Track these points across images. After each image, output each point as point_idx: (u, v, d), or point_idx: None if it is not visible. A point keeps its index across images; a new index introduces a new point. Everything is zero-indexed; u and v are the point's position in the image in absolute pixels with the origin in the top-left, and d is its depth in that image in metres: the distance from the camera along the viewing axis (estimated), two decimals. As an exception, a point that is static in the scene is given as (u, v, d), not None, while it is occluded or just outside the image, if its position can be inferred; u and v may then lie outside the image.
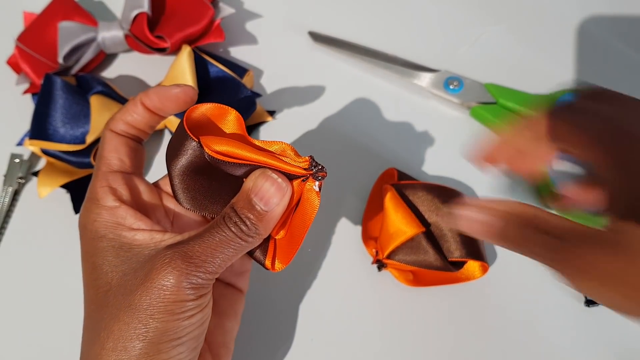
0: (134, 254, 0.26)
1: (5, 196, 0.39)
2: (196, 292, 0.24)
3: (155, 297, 0.23)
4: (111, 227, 0.26)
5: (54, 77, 0.38)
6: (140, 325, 0.23)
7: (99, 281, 0.26)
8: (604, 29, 0.46)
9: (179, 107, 0.29)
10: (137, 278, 0.25)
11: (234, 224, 0.25)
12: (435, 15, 0.46)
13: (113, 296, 0.25)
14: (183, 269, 0.24)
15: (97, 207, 0.27)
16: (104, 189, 0.27)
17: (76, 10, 0.42)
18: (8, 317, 0.36)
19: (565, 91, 0.41)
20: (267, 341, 0.35)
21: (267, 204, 0.25)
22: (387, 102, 0.43)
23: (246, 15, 0.46)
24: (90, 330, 0.26)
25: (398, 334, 0.35)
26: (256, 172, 0.26)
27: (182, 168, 0.26)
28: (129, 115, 0.28)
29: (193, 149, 0.26)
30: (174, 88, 0.28)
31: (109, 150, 0.28)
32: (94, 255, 0.26)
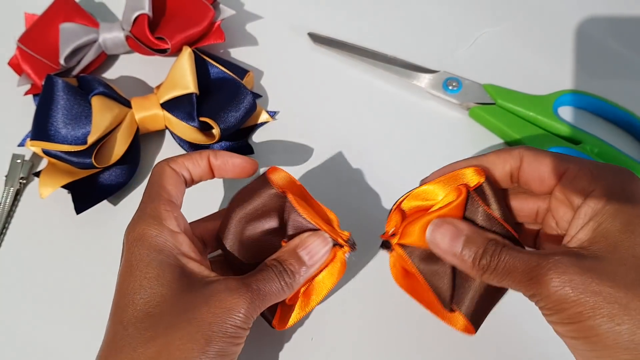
0: (187, 276, 0.28)
1: (7, 197, 0.39)
2: (248, 325, 0.27)
3: (221, 319, 0.25)
4: (170, 247, 0.28)
5: (55, 78, 0.38)
6: (203, 340, 0.25)
7: (151, 291, 0.27)
8: (601, 30, 0.46)
9: (237, 174, 0.33)
10: (198, 297, 0.26)
11: (279, 272, 0.28)
12: (434, 16, 0.47)
13: (169, 309, 0.26)
14: (250, 302, 0.26)
15: (160, 225, 0.28)
16: (169, 213, 0.29)
17: (77, 11, 0.43)
18: (9, 317, 0.36)
19: (563, 92, 0.42)
20: (266, 341, 0.35)
21: (311, 258, 0.29)
22: (386, 103, 0.43)
23: (246, 16, 0.47)
24: (130, 335, 0.26)
25: (398, 333, 0.35)
26: (305, 233, 0.30)
27: (244, 214, 0.30)
28: (192, 164, 0.31)
29: (269, 197, 0.30)
30: (243, 158, 0.32)
31: (171, 184, 0.30)
32: (149, 266, 0.27)
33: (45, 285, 0.37)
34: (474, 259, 0.26)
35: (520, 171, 0.28)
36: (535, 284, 0.24)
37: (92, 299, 0.37)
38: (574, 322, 0.24)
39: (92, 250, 0.38)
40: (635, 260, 0.23)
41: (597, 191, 0.26)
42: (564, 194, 0.27)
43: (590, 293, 0.23)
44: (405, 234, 0.30)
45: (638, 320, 0.22)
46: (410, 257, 0.30)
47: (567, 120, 0.41)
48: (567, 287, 0.23)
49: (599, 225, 0.25)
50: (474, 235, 0.27)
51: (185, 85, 0.38)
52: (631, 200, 0.25)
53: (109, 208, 0.39)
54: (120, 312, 0.27)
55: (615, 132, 0.42)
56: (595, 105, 0.42)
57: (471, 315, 0.29)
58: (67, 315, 0.36)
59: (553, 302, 0.24)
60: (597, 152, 0.39)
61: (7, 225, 0.39)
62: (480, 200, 0.28)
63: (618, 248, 0.24)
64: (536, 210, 0.30)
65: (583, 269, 0.23)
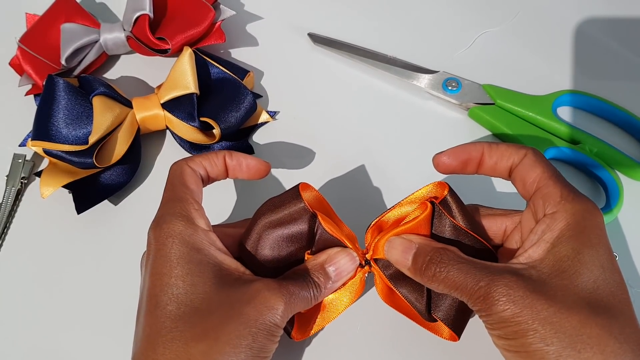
0: (226, 274, 0.28)
1: (9, 196, 0.39)
2: (284, 324, 0.28)
3: (265, 316, 0.26)
4: (207, 245, 0.28)
5: (56, 78, 0.38)
6: (250, 337, 0.26)
7: (193, 288, 0.27)
8: (601, 30, 0.46)
9: (251, 175, 0.33)
10: (242, 295, 0.27)
11: (308, 282, 0.29)
12: (434, 17, 0.47)
13: (216, 305, 0.26)
14: (286, 301, 0.27)
15: (193, 225, 0.29)
16: (198, 212, 0.29)
17: (78, 11, 0.43)
18: (10, 317, 0.36)
19: (563, 92, 0.42)
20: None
21: (338, 274, 0.30)
22: (386, 103, 0.43)
23: (247, 17, 0.47)
24: (180, 330, 0.26)
25: (399, 333, 0.35)
26: (333, 249, 0.31)
27: (270, 222, 0.30)
28: (209, 164, 0.32)
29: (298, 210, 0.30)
30: (257, 160, 0.33)
31: (192, 183, 0.31)
32: (190, 263, 0.27)
33: (46, 285, 0.37)
34: (421, 268, 0.28)
35: (516, 168, 0.30)
36: (482, 302, 0.26)
37: (93, 298, 0.37)
38: (510, 338, 0.25)
39: (93, 250, 0.38)
40: (575, 288, 0.25)
41: (559, 213, 0.27)
42: (534, 205, 0.29)
43: (530, 314, 0.24)
44: (377, 250, 0.31)
45: (565, 343, 0.24)
46: (385, 272, 0.32)
47: (566, 120, 0.41)
48: (510, 309, 0.25)
49: (553, 248, 0.26)
50: (423, 245, 0.29)
51: (186, 85, 0.39)
52: (587, 231, 0.27)
53: (110, 208, 0.39)
54: (163, 306, 0.26)
55: (615, 132, 0.42)
56: (594, 106, 0.42)
57: (452, 323, 0.30)
58: (67, 315, 0.36)
59: (496, 319, 0.25)
60: (596, 152, 0.39)
61: (8, 225, 0.39)
62: (445, 212, 0.30)
63: (564, 273, 0.26)
64: (504, 230, 0.31)
65: (528, 291, 0.25)
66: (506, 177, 0.31)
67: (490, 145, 0.30)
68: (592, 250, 0.26)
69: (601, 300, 0.25)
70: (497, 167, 0.30)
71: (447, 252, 0.28)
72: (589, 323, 0.24)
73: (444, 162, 0.31)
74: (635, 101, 0.42)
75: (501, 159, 0.30)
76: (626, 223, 0.39)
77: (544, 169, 0.29)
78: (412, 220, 0.30)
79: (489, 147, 0.30)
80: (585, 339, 0.24)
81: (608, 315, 0.25)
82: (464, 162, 0.31)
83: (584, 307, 0.25)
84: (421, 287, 0.31)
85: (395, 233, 0.30)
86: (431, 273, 0.27)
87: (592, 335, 0.24)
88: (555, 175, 0.29)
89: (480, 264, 0.27)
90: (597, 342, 0.24)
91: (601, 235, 0.27)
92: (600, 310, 0.25)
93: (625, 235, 0.38)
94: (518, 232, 0.31)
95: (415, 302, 0.31)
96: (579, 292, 0.25)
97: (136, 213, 0.39)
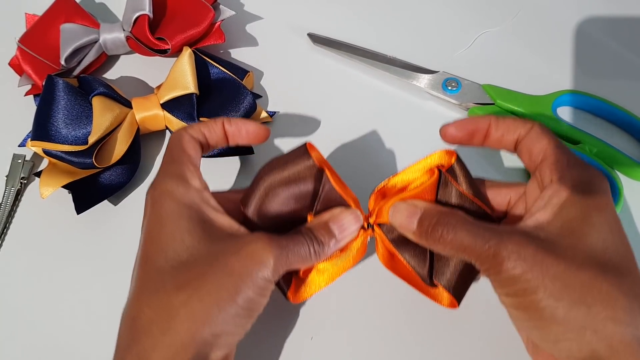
0: (217, 230, 0.28)
1: (8, 197, 0.39)
2: (276, 278, 0.27)
3: (251, 269, 0.26)
4: (199, 203, 0.29)
5: (56, 78, 0.38)
6: (232, 289, 0.26)
7: (182, 243, 0.27)
8: (601, 30, 0.46)
9: (251, 140, 0.34)
10: (229, 248, 0.27)
11: (310, 239, 0.29)
12: (433, 17, 0.47)
13: (202, 258, 0.27)
14: (277, 255, 0.27)
15: (186, 184, 0.29)
16: (193, 173, 0.30)
17: (78, 12, 0.43)
18: (10, 317, 0.36)
19: (563, 92, 0.42)
20: (267, 340, 0.35)
21: (341, 233, 0.30)
22: (386, 103, 0.43)
23: (246, 17, 0.47)
24: (164, 281, 0.26)
25: (399, 333, 0.35)
26: (338, 208, 0.31)
27: (274, 180, 0.30)
28: (207, 130, 0.32)
29: (304, 168, 0.30)
30: (256, 124, 0.33)
31: (190, 148, 0.31)
32: (181, 218, 0.28)
33: (45, 285, 0.37)
34: (427, 231, 0.28)
35: (522, 141, 0.30)
36: (492, 261, 0.26)
37: (93, 298, 0.37)
38: (519, 296, 0.25)
39: (92, 250, 0.38)
40: (584, 247, 0.25)
41: (565, 179, 0.27)
42: (540, 174, 0.29)
43: (540, 271, 0.25)
44: (380, 215, 0.31)
45: (575, 298, 0.24)
46: (388, 236, 0.31)
47: (566, 120, 0.41)
48: (520, 266, 0.25)
49: (561, 210, 0.27)
50: (429, 209, 0.29)
51: (186, 85, 0.39)
52: (594, 194, 0.27)
53: (110, 208, 0.39)
54: (152, 260, 0.27)
55: (615, 132, 0.42)
56: (594, 106, 0.42)
57: (452, 289, 0.30)
58: (67, 315, 0.36)
59: (506, 277, 0.25)
60: (596, 152, 0.39)
61: (8, 226, 0.39)
62: (451, 179, 0.30)
63: (573, 234, 0.26)
64: (508, 201, 0.32)
65: (537, 249, 0.25)
66: (512, 150, 0.31)
67: (497, 118, 0.31)
68: (599, 213, 0.26)
69: (610, 260, 0.25)
70: (504, 139, 0.31)
71: (453, 214, 0.28)
72: (598, 280, 0.24)
73: (451, 133, 0.31)
74: (635, 101, 0.42)
75: (508, 131, 0.30)
76: (626, 223, 0.38)
77: (550, 140, 0.29)
78: (418, 187, 0.30)
79: (496, 120, 0.31)
80: (595, 294, 0.24)
81: (617, 274, 0.25)
82: (470, 133, 0.31)
83: (594, 266, 0.25)
84: (424, 252, 0.31)
85: (400, 198, 0.30)
86: (438, 235, 0.27)
87: (602, 291, 0.24)
88: (562, 146, 0.29)
89: (487, 225, 0.27)
90: (606, 298, 0.24)
91: (608, 200, 0.27)
92: (610, 269, 0.25)
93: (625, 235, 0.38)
94: (522, 202, 0.31)
95: (418, 267, 0.31)
96: (588, 252, 0.25)
97: (136, 213, 0.39)
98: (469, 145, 0.32)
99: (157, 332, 0.25)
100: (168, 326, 0.25)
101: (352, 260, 0.32)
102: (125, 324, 0.27)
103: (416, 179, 0.31)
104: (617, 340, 0.24)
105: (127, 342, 0.26)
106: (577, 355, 0.25)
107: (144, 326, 0.26)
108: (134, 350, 0.25)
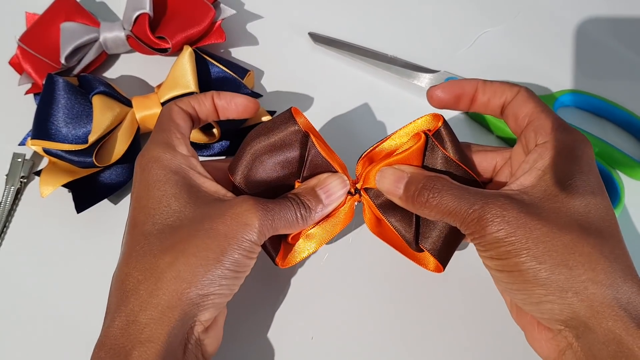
0: (203, 195, 0.29)
1: (8, 195, 0.39)
2: (261, 241, 0.28)
3: (236, 231, 0.27)
4: (185, 168, 0.29)
5: (56, 77, 0.38)
6: (218, 250, 0.26)
7: (168, 208, 0.28)
8: (601, 30, 0.46)
9: (240, 114, 0.34)
10: (214, 211, 0.27)
11: (296, 204, 0.29)
12: (434, 16, 0.47)
13: (187, 222, 0.27)
14: (262, 218, 0.27)
15: (173, 150, 0.30)
16: (180, 140, 0.30)
17: (78, 10, 0.43)
18: (10, 317, 0.36)
19: (563, 92, 0.42)
20: (267, 339, 0.35)
21: (328, 197, 0.31)
22: (387, 103, 0.43)
23: (247, 16, 0.47)
24: (151, 244, 0.27)
25: (398, 332, 0.35)
26: (324, 174, 0.31)
27: (261, 147, 0.30)
28: (197, 103, 0.33)
29: (290, 133, 0.30)
30: (245, 97, 0.33)
31: (179, 119, 0.31)
32: (167, 184, 0.28)
33: (45, 284, 0.37)
34: (413, 195, 0.28)
35: (509, 105, 0.30)
36: (476, 224, 0.26)
37: (93, 298, 0.37)
38: (502, 258, 0.26)
39: (92, 249, 0.38)
40: (567, 211, 0.26)
41: (550, 143, 0.28)
42: (525, 139, 0.30)
43: (523, 233, 0.25)
44: (367, 180, 0.32)
45: (557, 260, 0.25)
46: (375, 201, 0.32)
47: (567, 120, 0.41)
48: (504, 229, 0.25)
49: (544, 174, 0.27)
50: (415, 174, 0.29)
51: (186, 84, 0.39)
52: (577, 160, 0.27)
53: (110, 207, 0.39)
54: (140, 225, 0.28)
55: (615, 132, 0.42)
56: (595, 105, 0.42)
57: (437, 253, 0.31)
58: (67, 315, 0.36)
59: (490, 240, 0.26)
60: (597, 151, 0.39)
61: (7, 224, 0.39)
62: (438, 143, 0.30)
63: (556, 197, 0.26)
64: (494, 166, 0.32)
65: (521, 212, 0.25)
66: (498, 114, 0.31)
67: (484, 82, 0.31)
68: (583, 176, 0.27)
69: (592, 223, 0.26)
70: (490, 103, 0.31)
71: (439, 179, 0.28)
72: (580, 242, 0.25)
73: (438, 96, 0.32)
74: (636, 101, 0.42)
75: (494, 95, 0.31)
76: (627, 223, 0.39)
77: (535, 104, 0.30)
78: (405, 152, 0.30)
79: (483, 84, 0.31)
80: (577, 257, 0.25)
81: (599, 236, 0.25)
82: (457, 96, 0.31)
83: (576, 228, 0.25)
84: (410, 216, 0.31)
85: (387, 163, 0.31)
86: (424, 199, 0.28)
87: (583, 253, 0.25)
88: (547, 110, 0.29)
89: (472, 189, 0.27)
90: (588, 260, 0.25)
91: (591, 164, 0.28)
92: (592, 232, 0.25)
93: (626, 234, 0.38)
94: (508, 167, 0.31)
95: (404, 232, 0.31)
96: (571, 215, 0.26)
97: (136, 212, 0.39)
98: (455, 109, 0.32)
99: (145, 294, 0.26)
100: (155, 287, 0.26)
101: (340, 225, 0.32)
102: (114, 287, 0.27)
103: (403, 144, 0.31)
104: (597, 301, 0.24)
105: (116, 304, 0.27)
106: (558, 317, 0.25)
107: (131, 288, 0.26)
108: (123, 312, 0.26)
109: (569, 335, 0.25)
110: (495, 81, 0.31)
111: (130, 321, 0.26)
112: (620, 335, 0.24)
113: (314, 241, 0.32)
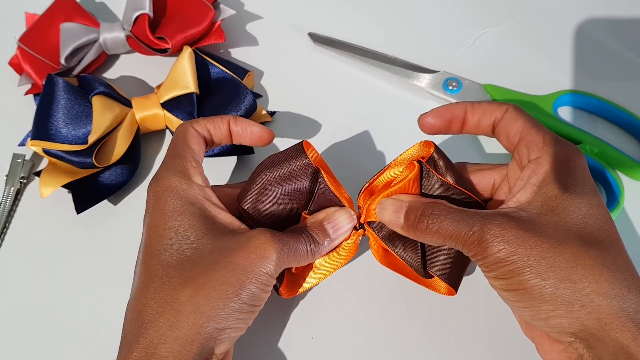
0: (219, 227, 0.29)
1: (8, 196, 0.39)
2: (277, 273, 0.28)
3: (255, 264, 0.27)
4: (201, 199, 0.29)
5: (56, 77, 0.38)
6: (237, 284, 0.26)
7: (186, 239, 0.28)
8: (601, 30, 0.46)
9: (254, 142, 0.34)
10: (234, 244, 0.27)
11: (306, 237, 0.30)
12: (434, 17, 0.47)
13: (206, 254, 0.27)
14: (279, 250, 0.27)
15: (189, 180, 0.30)
16: (195, 169, 0.30)
17: (78, 11, 0.43)
18: (10, 317, 0.36)
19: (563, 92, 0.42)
20: (267, 339, 0.35)
21: (336, 232, 0.31)
22: (387, 103, 0.43)
23: (247, 16, 0.47)
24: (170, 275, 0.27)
25: (398, 332, 0.35)
26: (332, 208, 0.31)
27: (270, 178, 0.31)
28: (213, 127, 0.33)
29: (300, 167, 0.31)
30: (261, 127, 0.34)
31: (194, 143, 0.31)
32: (184, 214, 0.28)
33: (45, 285, 0.37)
34: (414, 224, 0.28)
35: (499, 124, 0.31)
36: (477, 246, 0.26)
37: (93, 298, 0.37)
38: (507, 277, 0.26)
39: (92, 249, 0.38)
40: (565, 224, 0.26)
41: (543, 157, 0.28)
42: (518, 155, 0.30)
43: (524, 252, 0.25)
44: (369, 213, 0.32)
45: (561, 276, 0.25)
46: (379, 234, 0.32)
47: (567, 120, 0.41)
48: (505, 249, 0.25)
49: (540, 189, 0.27)
50: (414, 202, 0.29)
51: (186, 85, 0.39)
52: (570, 172, 0.27)
53: (110, 208, 0.39)
54: (157, 255, 0.28)
55: (615, 132, 0.42)
56: (594, 106, 0.42)
57: (448, 277, 0.31)
58: (67, 315, 0.36)
59: (492, 261, 0.26)
60: (597, 152, 0.39)
61: (7, 225, 0.39)
62: (432, 169, 0.30)
63: (553, 212, 0.26)
64: (492, 183, 0.32)
65: (520, 230, 0.26)
66: (490, 133, 0.32)
67: (472, 104, 0.31)
68: (578, 188, 0.27)
69: (591, 234, 0.26)
70: (481, 124, 0.31)
71: (437, 204, 0.28)
72: (582, 255, 0.25)
73: (429, 122, 0.32)
74: (636, 101, 0.42)
75: (484, 116, 0.31)
76: (627, 223, 0.39)
77: (525, 120, 0.30)
78: (401, 181, 0.30)
79: (471, 105, 0.31)
80: (580, 270, 0.25)
81: (600, 248, 0.25)
82: (448, 121, 0.32)
83: (576, 241, 0.25)
84: (415, 244, 0.31)
85: (386, 195, 0.31)
86: (424, 226, 0.28)
87: (585, 266, 0.25)
88: (537, 125, 0.30)
89: (470, 211, 0.27)
90: (591, 272, 0.25)
91: (585, 175, 0.28)
92: (592, 244, 0.26)
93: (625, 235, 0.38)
94: (506, 183, 0.31)
95: (411, 260, 0.31)
96: (570, 228, 0.26)
97: (136, 213, 0.39)
98: (448, 133, 0.32)
99: (164, 326, 0.26)
100: (175, 320, 0.26)
101: (344, 260, 0.33)
102: (131, 317, 0.27)
103: (399, 174, 0.32)
104: (604, 313, 0.24)
105: (134, 335, 0.26)
106: (567, 330, 0.25)
107: (150, 320, 0.26)
108: (142, 343, 0.26)
109: (580, 346, 0.25)
110: (482, 102, 0.31)
111: (150, 353, 0.25)
112: (629, 346, 0.24)
113: (318, 273, 0.33)
